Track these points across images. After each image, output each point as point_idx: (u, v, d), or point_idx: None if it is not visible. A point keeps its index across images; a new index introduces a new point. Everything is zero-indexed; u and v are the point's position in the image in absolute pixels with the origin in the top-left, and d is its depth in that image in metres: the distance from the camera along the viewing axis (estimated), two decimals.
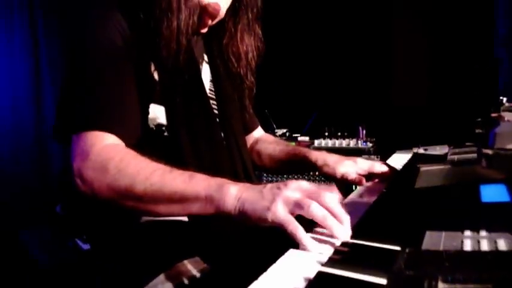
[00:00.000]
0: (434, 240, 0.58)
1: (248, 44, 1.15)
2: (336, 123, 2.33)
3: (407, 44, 3.23)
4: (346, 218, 0.69)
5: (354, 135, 2.28)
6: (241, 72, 1.16)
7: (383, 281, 0.50)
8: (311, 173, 1.66)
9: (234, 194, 0.76)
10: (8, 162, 3.21)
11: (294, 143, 2.32)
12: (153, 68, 0.97)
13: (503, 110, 0.95)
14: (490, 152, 0.53)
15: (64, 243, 2.25)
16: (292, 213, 0.70)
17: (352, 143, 2.18)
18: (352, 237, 0.68)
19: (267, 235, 0.85)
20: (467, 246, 0.54)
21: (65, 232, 2.18)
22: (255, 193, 0.74)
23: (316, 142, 2.25)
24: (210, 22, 1.06)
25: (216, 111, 1.13)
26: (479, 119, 1.10)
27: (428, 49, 3.20)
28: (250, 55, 1.15)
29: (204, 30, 1.07)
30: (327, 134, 2.30)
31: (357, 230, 0.69)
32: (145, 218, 1.00)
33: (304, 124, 2.53)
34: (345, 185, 1.14)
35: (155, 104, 0.98)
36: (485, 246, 0.54)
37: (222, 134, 1.12)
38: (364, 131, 2.25)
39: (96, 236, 1.15)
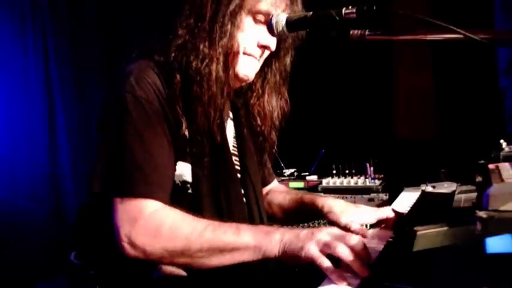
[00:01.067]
0: None
1: (274, 105, 1.21)
2: (344, 161, 2.35)
3: (410, 78, 3.28)
4: (367, 258, 0.82)
5: (361, 172, 2.29)
6: (264, 131, 1.21)
7: None
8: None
9: (278, 239, 0.89)
10: (21, 203, 3.24)
11: (302, 183, 2.34)
12: (184, 125, 1.02)
13: (503, 158, 0.97)
14: (484, 215, 0.55)
15: None
16: (322, 252, 0.84)
17: (360, 181, 2.18)
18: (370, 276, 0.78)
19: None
20: None
21: (80, 282, 2.19)
22: (294, 237, 0.88)
23: (324, 181, 2.26)
24: (238, 85, 1.13)
25: (237, 167, 1.18)
26: (482, 161, 1.11)
27: (433, 83, 3.24)
28: (275, 115, 1.22)
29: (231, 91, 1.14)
30: (334, 172, 2.32)
31: (373, 272, 0.79)
32: (163, 269, 1.03)
33: (312, 163, 2.55)
34: None
35: (182, 161, 1.03)
36: None
37: (242, 190, 1.16)
38: (372, 168, 2.26)
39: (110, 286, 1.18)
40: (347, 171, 2.30)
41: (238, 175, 1.17)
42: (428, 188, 1.65)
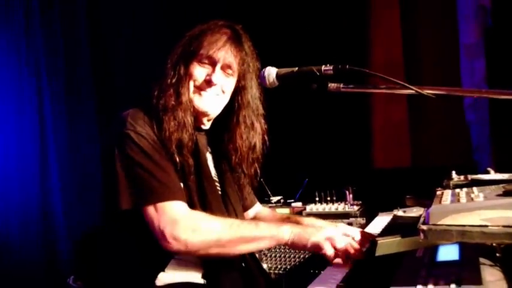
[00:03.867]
0: None
1: (247, 140, 1.40)
2: (325, 189, 2.56)
3: (386, 111, 3.55)
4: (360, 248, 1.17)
5: (342, 198, 2.51)
6: (242, 165, 1.41)
7: None
8: None
9: (288, 230, 1.19)
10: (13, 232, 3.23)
11: (288, 209, 2.54)
12: (176, 152, 1.25)
13: (452, 186, 1.19)
14: (425, 228, 0.76)
15: None
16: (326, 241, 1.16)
17: (340, 207, 2.40)
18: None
19: None
20: None
21: None
22: (302, 229, 1.20)
23: (308, 207, 2.46)
24: (206, 121, 1.36)
25: (219, 192, 1.37)
26: (437, 189, 1.31)
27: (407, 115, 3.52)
28: (248, 149, 1.41)
29: (205, 127, 1.36)
30: (317, 199, 2.53)
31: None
32: (162, 281, 1.21)
33: (297, 191, 2.76)
34: None
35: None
36: None
37: (226, 211, 1.36)
38: (351, 195, 2.47)
39: None
40: (328, 198, 2.52)
41: (220, 198, 1.37)
42: (400, 213, 1.87)
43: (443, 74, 3.35)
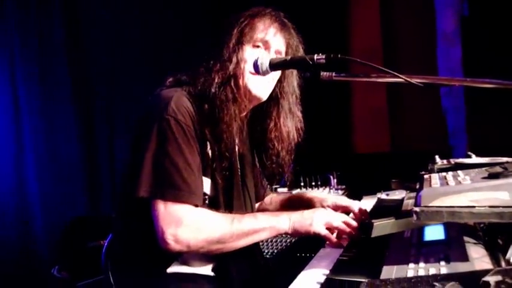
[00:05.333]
0: (389, 272, 0.84)
1: (290, 126, 1.40)
2: (310, 174, 2.62)
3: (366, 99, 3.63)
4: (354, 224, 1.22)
5: (326, 183, 2.57)
6: (278, 153, 1.39)
7: None
8: None
9: (287, 219, 1.22)
10: None
11: (275, 194, 2.58)
12: (208, 146, 1.24)
13: (437, 169, 1.26)
14: (417, 209, 0.81)
15: None
16: (325, 226, 1.21)
17: (325, 191, 2.46)
18: (334, 273, 0.99)
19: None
20: (410, 274, 0.81)
21: None
22: (300, 216, 1.23)
23: (294, 192, 2.51)
24: (254, 104, 1.34)
25: (241, 187, 1.38)
26: (422, 172, 1.38)
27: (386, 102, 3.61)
28: (291, 136, 1.41)
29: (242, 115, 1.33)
30: (302, 184, 2.58)
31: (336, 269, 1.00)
32: (172, 270, 1.23)
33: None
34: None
35: (204, 176, 1.24)
36: (422, 273, 0.80)
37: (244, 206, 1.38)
38: (335, 180, 2.54)
39: None
40: (313, 183, 2.57)
41: (241, 192, 1.38)
42: (383, 196, 1.94)
43: (420, 60, 3.44)
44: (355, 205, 1.44)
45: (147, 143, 1.16)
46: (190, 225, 1.12)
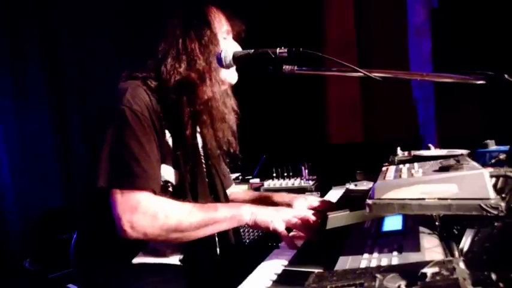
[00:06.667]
0: (344, 262, 0.86)
1: (228, 105, 1.42)
2: (282, 165, 2.65)
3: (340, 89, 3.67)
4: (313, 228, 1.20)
5: (298, 174, 2.61)
6: (227, 138, 1.41)
7: None
8: None
9: (249, 210, 1.22)
10: None
11: (247, 186, 2.60)
12: (167, 135, 1.25)
13: (397, 161, 1.29)
14: (370, 202, 0.83)
15: None
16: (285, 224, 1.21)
17: (297, 182, 2.50)
18: (292, 264, 1.00)
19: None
20: (363, 264, 0.83)
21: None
22: (262, 210, 1.23)
23: (266, 183, 2.54)
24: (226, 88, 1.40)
25: (206, 177, 1.40)
26: (386, 164, 1.40)
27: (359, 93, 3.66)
28: (231, 118, 1.43)
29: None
30: (274, 175, 2.61)
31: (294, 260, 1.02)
32: (136, 261, 1.23)
33: (254, 168, 2.82)
34: None
35: (165, 164, 1.25)
36: (374, 263, 0.83)
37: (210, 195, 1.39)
38: (307, 171, 2.58)
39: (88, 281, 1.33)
40: (285, 174, 2.61)
41: (206, 179, 1.39)
42: (351, 186, 1.98)
43: (393, 53, 3.49)
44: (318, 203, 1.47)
45: (104, 134, 1.17)
46: (145, 212, 1.12)
